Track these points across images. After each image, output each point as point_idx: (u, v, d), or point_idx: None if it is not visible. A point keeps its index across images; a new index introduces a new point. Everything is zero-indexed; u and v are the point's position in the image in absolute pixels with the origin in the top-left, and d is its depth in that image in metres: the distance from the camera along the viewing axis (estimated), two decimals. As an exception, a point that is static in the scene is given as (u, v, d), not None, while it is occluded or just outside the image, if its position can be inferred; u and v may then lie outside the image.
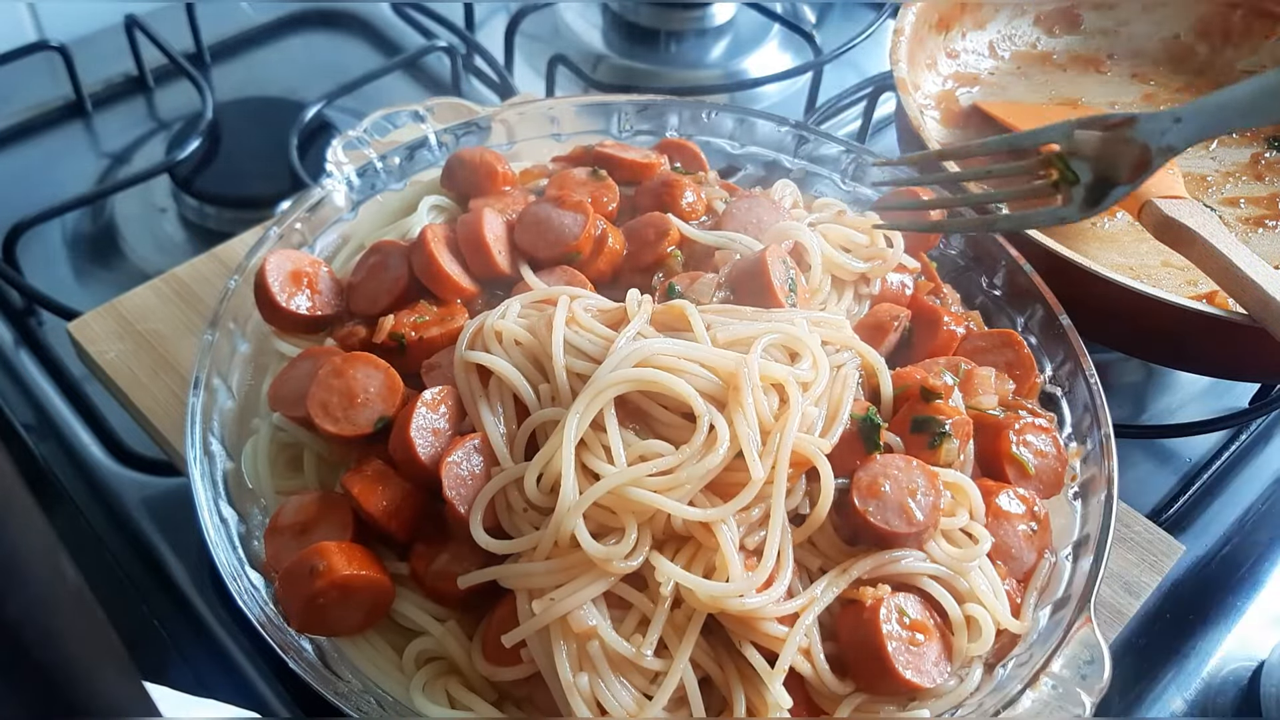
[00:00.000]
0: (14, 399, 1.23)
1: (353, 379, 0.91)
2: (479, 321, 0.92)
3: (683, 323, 0.89)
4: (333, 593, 0.81)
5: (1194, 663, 1.09)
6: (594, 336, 0.89)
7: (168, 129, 1.58)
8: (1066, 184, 0.88)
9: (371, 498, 0.86)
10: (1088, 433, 1.00)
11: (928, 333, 1.04)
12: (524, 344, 0.90)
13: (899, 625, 0.82)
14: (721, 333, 0.89)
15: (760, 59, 1.77)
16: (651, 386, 0.83)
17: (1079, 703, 0.80)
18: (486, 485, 0.84)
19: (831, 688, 0.82)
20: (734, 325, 0.90)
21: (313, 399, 0.91)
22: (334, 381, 0.91)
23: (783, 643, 0.80)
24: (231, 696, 0.98)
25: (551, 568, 0.80)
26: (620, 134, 1.23)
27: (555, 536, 0.80)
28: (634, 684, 0.80)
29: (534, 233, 1.02)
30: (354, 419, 0.90)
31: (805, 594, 0.83)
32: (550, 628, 0.79)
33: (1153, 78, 1.57)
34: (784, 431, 0.83)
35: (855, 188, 1.20)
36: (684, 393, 0.83)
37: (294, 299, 1.00)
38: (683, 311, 0.89)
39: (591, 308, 0.92)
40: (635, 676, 0.80)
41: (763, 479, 0.81)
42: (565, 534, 0.79)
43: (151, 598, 1.06)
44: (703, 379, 0.84)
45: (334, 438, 0.91)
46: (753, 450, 0.81)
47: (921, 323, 1.05)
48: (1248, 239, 1.34)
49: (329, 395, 0.91)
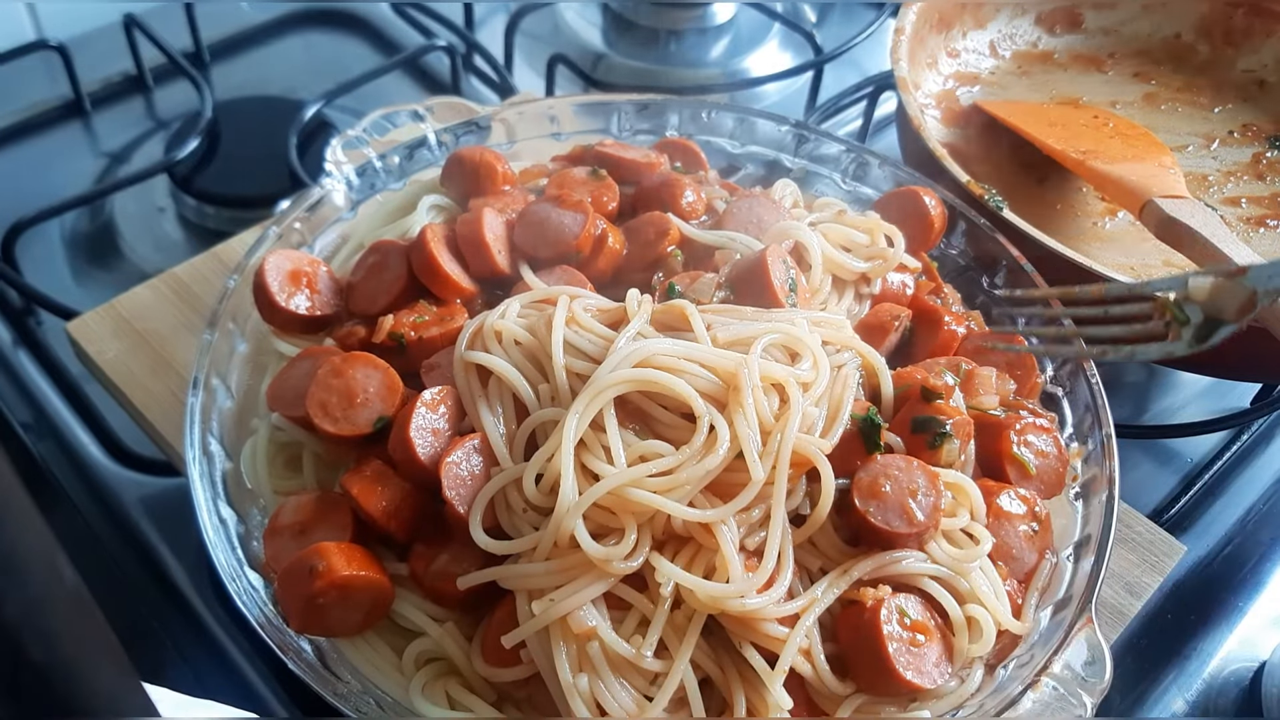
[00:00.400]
0: (12, 399, 1.23)
1: (352, 379, 0.91)
2: (478, 321, 0.91)
3: (683, 323, 0.89)
4: (332, 593, 0.81)
5: (1195, 663, 1.09)
6: (594, 336, 0.89)
7: (167, 128, 1.58)
8: (1177, 324, 0.94)
9: (371, 498, 0.85)
10: (1089, 433, 0.99)
11: (929, 332, 1.04)
12: (524, 344, 0.89)
13: (899, 626, 0.82)
14: (722, 333, 0.88)
15: (760, 58, 1.77)
16: (651, 387, 0.83)
17: (1080, 703, 0.80)
18: (486, 485, 0.84)
19: (832, 688, 0.82)
20: (734, 325, 0.90)
21: (312, 399, 0.90)
22: (333, 381, 0.91)
23: (783, 643, 0.80)
24: (231, 697, 0.98)
25: (551, 569, 0.80)
26: (620, 133, 1.23)
27: (555, 537, 0.79)
28: (634, 685, 0.80)
29: (533, 232, 1.02)
30: (353, 419, 0.90)
31: (806, 595, 0.82)
32: (550, 629, 0.79)
33: (1154, 77, 1.57)
34: (784, 432, 0.82)
35: (856, 187, 1.20)
36: (684, 393, 0.82)
37: (293, 299, 1.00)
38: (683, 311, 0.89)
39: (591, 307, 0.92)
40: (635, 677, 0.80)
41: (763, 480, 0.81)
42: (565, 534, 0.79)
43: (150, 598, 1.06)
44: (703, 379, 0.84)
45: (333, 438, 0.90)
46: (753, 451, 0.81)
47: (922, 322, 1.05)
48: (1249, 238, 1.34)
49: (328, 395, 0.91)
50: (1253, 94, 1.54)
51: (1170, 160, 1.29)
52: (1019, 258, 1.10)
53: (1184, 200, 1.18)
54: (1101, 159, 1.29)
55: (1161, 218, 1.16)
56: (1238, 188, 1.41)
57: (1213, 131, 1.49)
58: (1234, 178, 1.42)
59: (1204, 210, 1.17)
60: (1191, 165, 1.43)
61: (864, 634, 0.82)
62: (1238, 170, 1.43)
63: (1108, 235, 1.33)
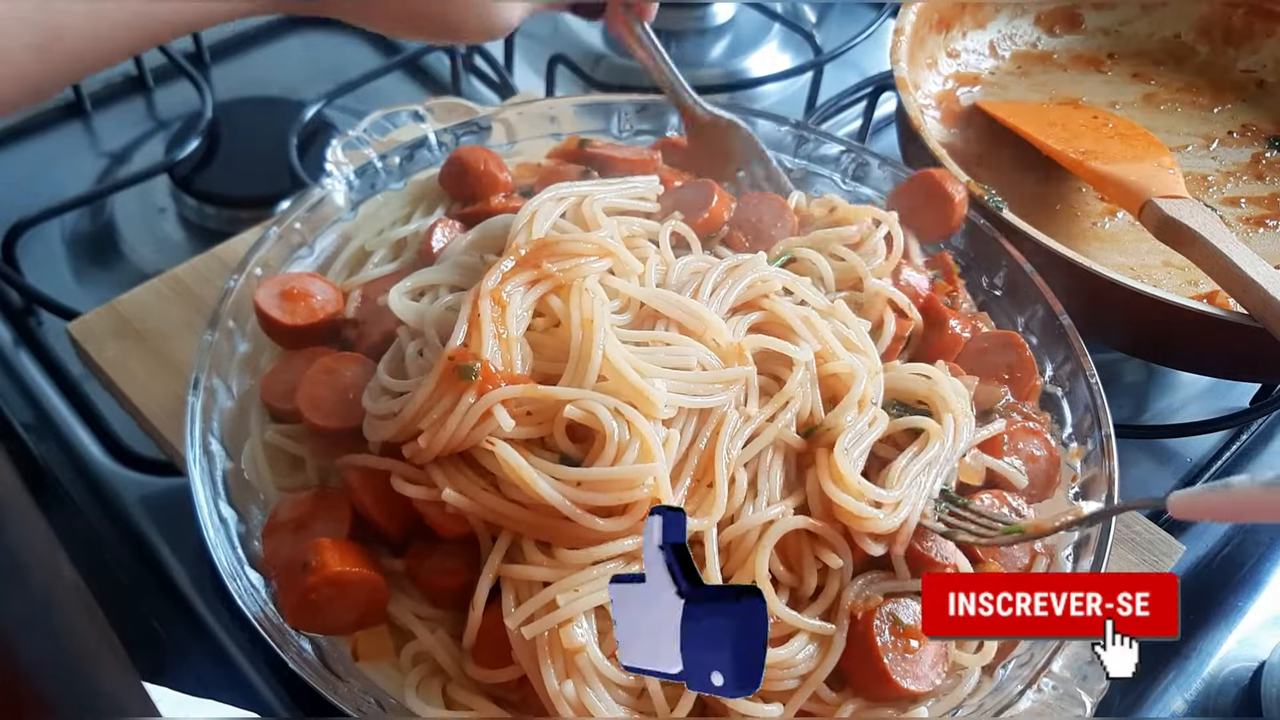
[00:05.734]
0: (13, 399, 1.23)
1: (342, 376, 0.92)
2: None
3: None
4: (325, 589, 0.80)
5: (1195, 663, 1.09)
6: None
7: (167, 128, 1.58)
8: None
9: (367, 490, 0.86)
10: (1088, 433, 0.99)
11: (935, 334, 1.04)
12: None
13: (892, 634, 0.82)
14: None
15: (760, 58, 1.77)
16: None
17: (1080, 703, 0.80)
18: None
19: (827, 700, 0.82)
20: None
21: (302, 393, 0.91)
22: (324, 377, 0.92)
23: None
24: (231, 697, 0.98)
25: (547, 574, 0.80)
26: (620, 134, 1.23)
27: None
28: (620, 699, 0.79)
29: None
30: (344, 414, 0.90)
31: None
32: (536, 641, 0.78)
33: (1153, 77, 1.57)
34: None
35: (856, 187, 1.20)
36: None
37: (295, 317, 1.00)
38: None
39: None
40: (621, 692, 0.79)
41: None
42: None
43: (151, 597, 1.06)
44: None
45: (322, 431, 0.91)
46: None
47: (931, 323, 1.04)
48: (1248, 238, 1.34)
49: (319, 390, 0.92)
50: (1253, 94, 1.54)
51: (1170, 160, 1.29)
52: (1019, 257, 1.10)
53: (1183, 200, 1.18)
54: (1101, 159, 1.30)
55: (1161, 218, 1.16)
56: (1237, 188, 1.41)
57: (1212, 131, 1.49)
58: (1234, 178, 1.42)
59: (1204, 210, 1.17)
60: (1191, 165, 1.43)
61: (857, 646, 0.82)
62: (1237, 170, 1.43)
63: (1108, 235, 1.33)
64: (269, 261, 1.06)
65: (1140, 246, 1.31)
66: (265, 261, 1.06)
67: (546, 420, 0.83)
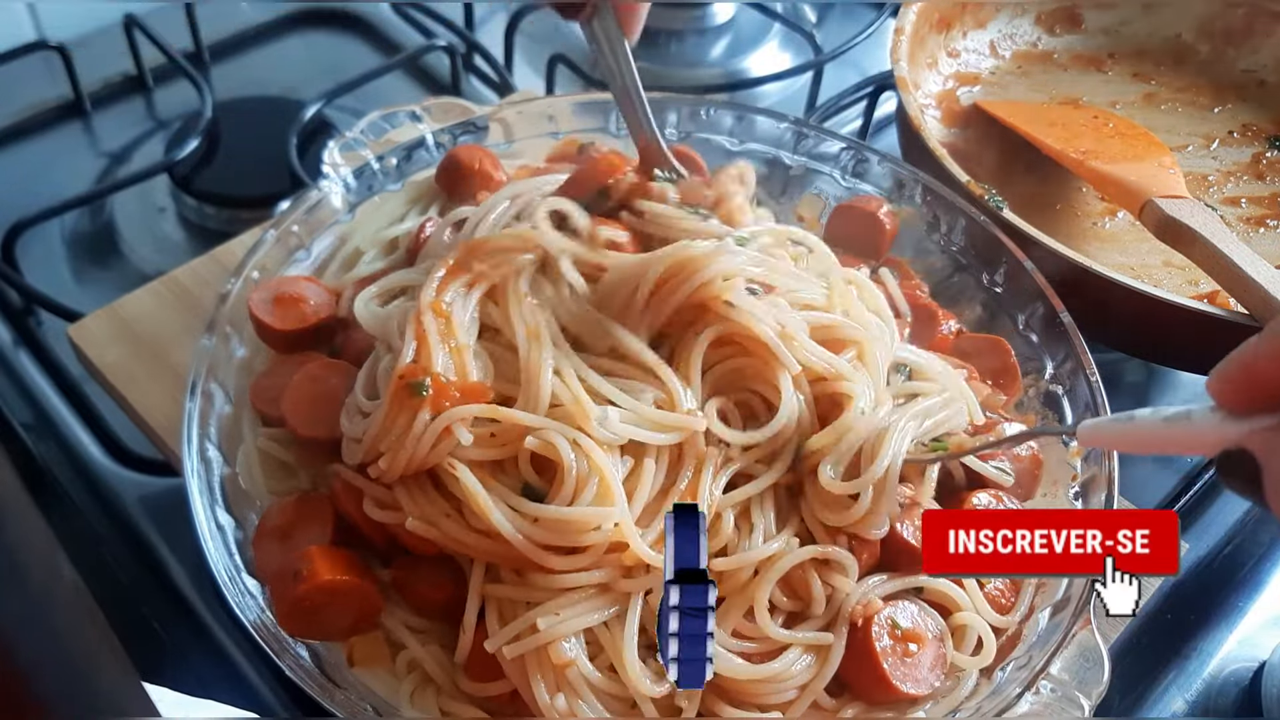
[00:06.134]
0: (13, 399, 1.23)
1: (327, 383, 0.92)
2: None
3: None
4: (317, 597, 0.80)
5: (1195, 663, 1.09)
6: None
7: (167, 128, 1.58)
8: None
9: (350, 499, 0.86)
10: (1089, 432, 0.99)
11: (926, 331, 1.04)
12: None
13: (891, 639, 0.82)
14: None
15: (760, 58, 1.76)
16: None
17: (1078, 705, 0.80)
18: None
19: (826, 706, 0.82)
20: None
21: (288, 399, 0.91)
22: (309, 385, 0.92)
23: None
24: (231, 697, 0.98)
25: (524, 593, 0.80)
26: (619, 132, 1.23)
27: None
28: (614, 709, 0.79)
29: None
30: (328, 423, 0.90)
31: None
32: (526, 658, 0.77)
33: (1154, 77, 1.57)
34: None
35: (856, 184, 1.20)
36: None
37: (287, 322, 1.00)
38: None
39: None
40: (615, 702, 0.79)
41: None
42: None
43: (150, 598, 1.06)
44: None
45: (307, 440, 0.91)
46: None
47: (918, 320, 1.05)
48: (1249, 238, 1.34)
49: (303, 397, 0.92)
50: (1253, 94, 1.54)
51: (1170, 160, 1.29)
52: (1019, 256, 1.10)
53: (1184, 200, 1.18)
54: (1101, 159, 1.30)
55: (1161, 217, 1.16)
56: (1238, 188, 1.41)
57: (1213, 131, 1.49)
58: (1234, 178, 1.42)
59: (1204, 210, 1.17)
60: (1191, 165, 1.43)
61: (856, 651, 0.82)
62: (1238, 170, 1.43)
63: (1108, 235, 1.33)
64: (266, 265, 1.06)
65: (1140, 246, 1.31)
66: (262, 265, 1.05)
67: (510, 443, 0.82)
